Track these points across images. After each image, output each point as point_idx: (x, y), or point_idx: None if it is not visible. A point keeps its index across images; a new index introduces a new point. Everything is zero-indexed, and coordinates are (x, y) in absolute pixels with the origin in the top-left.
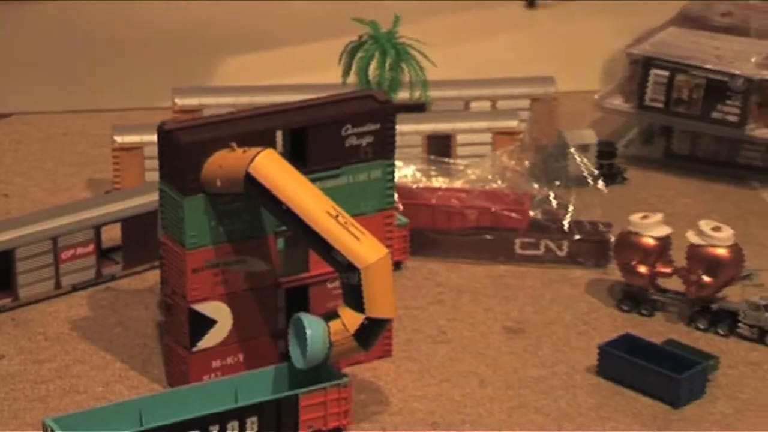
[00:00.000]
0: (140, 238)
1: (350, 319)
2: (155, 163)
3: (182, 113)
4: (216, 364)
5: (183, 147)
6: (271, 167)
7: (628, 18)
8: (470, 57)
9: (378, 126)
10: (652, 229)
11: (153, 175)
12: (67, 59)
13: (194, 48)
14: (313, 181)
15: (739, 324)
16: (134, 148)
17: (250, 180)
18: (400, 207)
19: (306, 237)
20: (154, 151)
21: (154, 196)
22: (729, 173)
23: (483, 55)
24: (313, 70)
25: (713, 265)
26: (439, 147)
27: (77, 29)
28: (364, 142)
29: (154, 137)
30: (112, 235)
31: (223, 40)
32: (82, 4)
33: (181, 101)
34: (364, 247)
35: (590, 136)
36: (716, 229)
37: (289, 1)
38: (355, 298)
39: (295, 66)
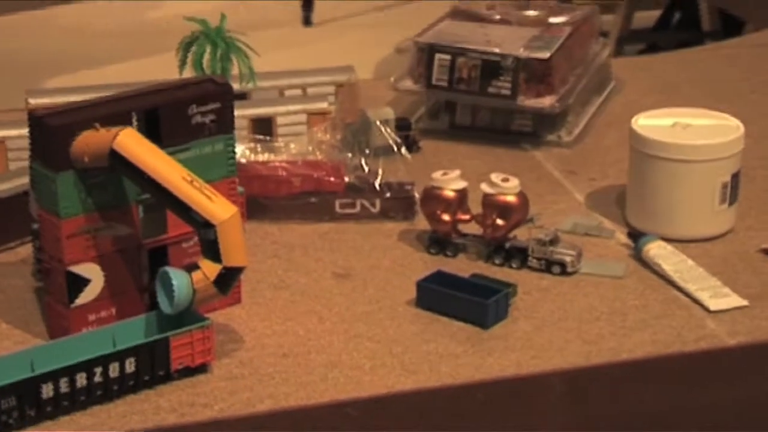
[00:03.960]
0: (9, 219)
1: (210, 269)
2: (17, 153)
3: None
4: (92, 317)
5: (53, 129)
6: (132, 142)
7: (396, 27)
8: (271, 66)
9: (219, 105)
10: (451, 183)
11: (15, 164)
12: None
13: (42, 60)
14: (168, 154)
15: (529, 258)
16: None
17: (114, 155)
18: (236, 179)
19: (167, 200)
20: (15, 143)
21: (18, 182)
22: (505, 139)
23: (282, 64)
24: (152, 71)
25: (505, 210)
26: (263, 128)
27: None
28: (207, 119)
29: (15, 131)
30: None
31: (69, 55)
32: None
33: (34, 101)
34: (217, 207)
35: (389, 113)
36: (505, 180)
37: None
38: (212, 250)
39: (136, 71)
